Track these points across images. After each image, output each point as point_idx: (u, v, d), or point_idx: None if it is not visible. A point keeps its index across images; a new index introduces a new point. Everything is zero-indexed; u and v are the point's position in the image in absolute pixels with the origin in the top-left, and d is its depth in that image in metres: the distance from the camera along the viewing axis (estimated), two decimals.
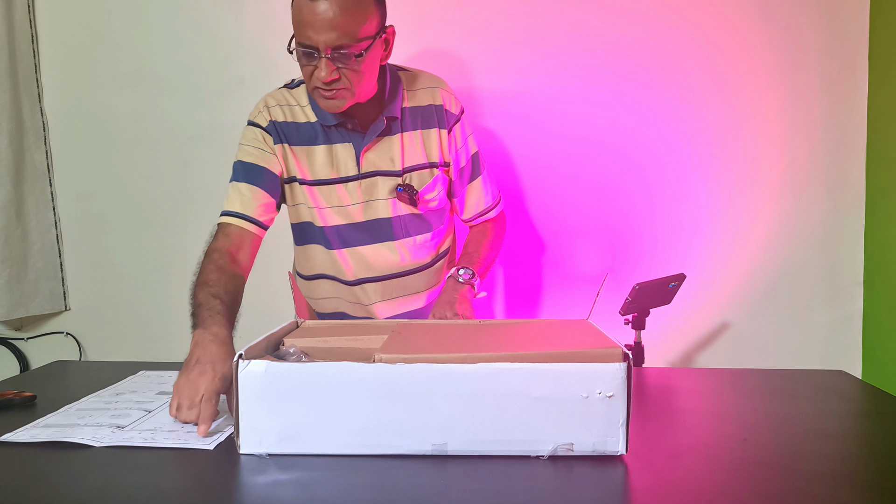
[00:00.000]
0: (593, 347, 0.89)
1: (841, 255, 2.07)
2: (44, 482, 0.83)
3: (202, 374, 0.99)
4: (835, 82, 2.02)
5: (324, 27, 1.19)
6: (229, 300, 1.16)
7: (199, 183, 2.17)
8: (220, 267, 1.23)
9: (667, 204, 2.08)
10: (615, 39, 2.04)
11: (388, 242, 1.45)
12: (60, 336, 2.26)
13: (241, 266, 1.29)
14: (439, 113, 1.44)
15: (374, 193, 1.42)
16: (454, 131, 1.45)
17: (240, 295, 1.23)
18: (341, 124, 1.38)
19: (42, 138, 2.20)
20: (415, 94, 1.43)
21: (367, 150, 1.39)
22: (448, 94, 1.46)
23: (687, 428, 1.03)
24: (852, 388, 1.22)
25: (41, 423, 1.02)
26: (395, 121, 1.40)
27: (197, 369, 1.00)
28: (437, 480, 0.83)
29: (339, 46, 1.21)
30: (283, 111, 1.40)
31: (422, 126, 1.43)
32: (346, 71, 1.25)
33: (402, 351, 0.89)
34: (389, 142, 1.40)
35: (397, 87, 1.41)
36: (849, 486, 0.80)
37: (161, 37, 2.16)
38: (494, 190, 1.57)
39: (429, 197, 1.44)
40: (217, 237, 1.31)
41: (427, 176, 1.43)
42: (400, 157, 1.41)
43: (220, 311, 1.11)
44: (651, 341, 1.77)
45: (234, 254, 1.29)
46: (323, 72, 1.23)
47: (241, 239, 1.32)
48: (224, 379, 1.00)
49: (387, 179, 1.41)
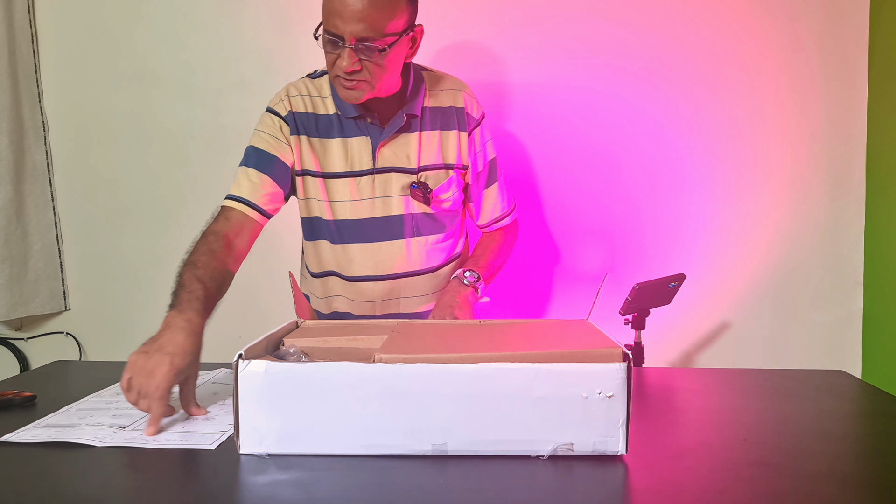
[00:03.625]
0: (593, 347, 0.89)
1: (841, 255, 2.07)
2: (44, 482, 0.83)
3: (160, 364, 0.98)
4: (835, 82, 2.03)
5: (351, 18, 1.20)
6: (213, 285, 1.15)
7: (200, 183, 2.17)
8: (212, 250, 1.22)
9: (667, 204, 2.08)
10: (616, 40, 2.04)
11: (398, 240, 1.44)
12: (60, 336, 2.26)
13: (235, 252, 1.28)
14: (460, 115, 1.44)
15: (387, 189, 1.41)
16: (474, 135, 1.45)
17: (226, 281, 1.22)
18: (361, 117, 1.38)
19: (42, 138, 2.20)
20: (437, 95, 1.43)
21: (384, 145, 1.39)
22: (470, 98, 1.46)
23: (687, 428, 1.03)
24: (852, 388, 1.22)
25: (42, 422, 1.02)
26: (415, 119, 1.40)
27: (156, 357, 0.98)
28: (437, 480, 0.83)
29: (364, 38, 1.22)
30: (304, 101, 1.40)
31: (441, 127, 1.43)
32: (369, 64, 1.25)
33: (402, 351, 0.89)
34: (407, 139, 1.40)
35: (420, 85, 1.41)
36: (849, 486, 0.80)
37: (161, 36, 2.16)
38: (510, 197, 1.57)
39: (442, 197, 1.44)
40: (217, 219, 1.31)
41: (442, 176, 1.43)
42: (416, 155, 1.41)
43: (199, 297, 1.10)
44: (651, 341, 1.77)
45: (232, 238, 1.28)
46: (345, 61, 1.23)
47: (241, 224, 1.31)
48: (179, 372, 0.99)
49: (401, 176, 1.41)
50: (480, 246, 1.55)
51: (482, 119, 1.47)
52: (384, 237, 1.43)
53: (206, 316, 1.10)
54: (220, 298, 1.19)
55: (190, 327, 1.04)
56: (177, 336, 1.02)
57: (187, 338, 1.02)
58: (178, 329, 1.03)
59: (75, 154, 2.22)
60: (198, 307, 1.08)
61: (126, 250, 2.23)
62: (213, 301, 1.14)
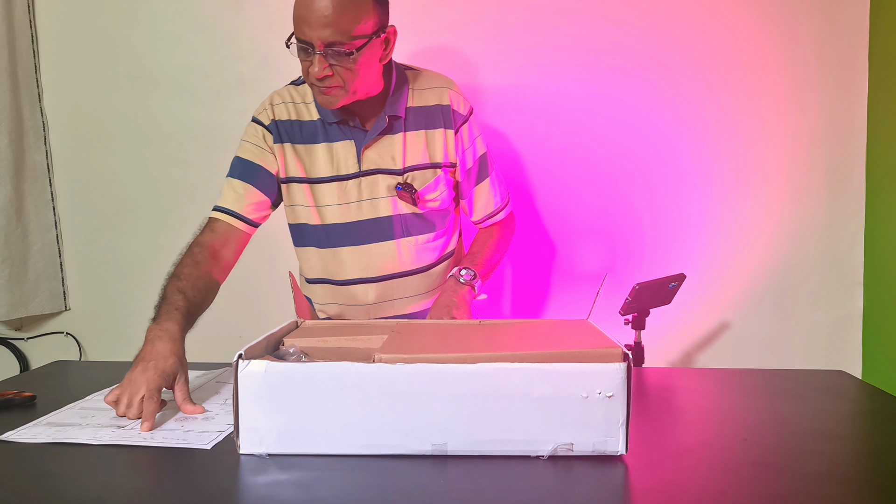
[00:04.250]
0: (593, 347, 0.89)
1: (841, 255, 2.07)
2: (44, 481, 0.83)
3: (144, 371, 1.04)
4: (835, 82, 2.03)
5: (317, 23, 1.21)
6: (195, 296, 1.21)
7: (199, 183, 2.16)
8: (196, 262, 1.27)
9: (667, 204, 2.08)
10: (616, 39, 2.04)
11: (388, 241, 1.44)
12: (60, 336, 2.26)
13: (221, 262, 1.33)
14: (445, 113, 1.43)
15: (374, 192, 1.42)
16: (461, 132, 1.45)
17: (211, 291, 1.28)
18: (343, 121, 1.38)
19: (42, 138, 2.20)
20: (421, 94, 1.43)
21: (368, 147, 1.39)
22: (456, 95, 1.45)
23: (687, 428, 1.03)
24: (852, 388, 1.22)
25: (42, 421, 1.02)
26: (398, 119, 1.40)
27: (139, 367, 1.05)
28: (437, 480, 0.83)
29: (332, 43, 1.23)
30: (287, 109, 1.41)
31: (426, 126, 1.42)
32: (340, 69, 1.26)
33: (402, 351, 0.89)
34: (391, 140, 1.40)
35: (402, 86, 1.41)
36: (849, 486, 0.80)
37: (160, 37, 2.16)
38: (503, 191, 1.57)
39: (429, 197, 1.44)
40: (204, 231, 1.36)
41: (429, 175, 1.43)
42: (402, 155, 1.41)
43: (179, 308, 1.16)
44: (651, 341, 1.77)
45: (218, 249, 1.33)
46: (316, 67, 1.24)
47: (226, 235, 1.36)
48: (164, 375, 1.04)
49: (387, 178, 1.41)
50: (476, 242, 1.55)
51: (470, 116, 1.46)
52: (374, 239, 1.44)
53: (187, 324, 1.17)
54: (204, 307, 1.25)
55: (168, 335, 1.10)
56: (156, 345, 1.08)
57: (166, 343, 1.09)
58: (157, 339, 1.09)
59: (75, 154, 2.22)
60: (177, 318, 1.14)
61: (126, 250, 2.23)
62: (195, 311, 1.20)
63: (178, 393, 1.07)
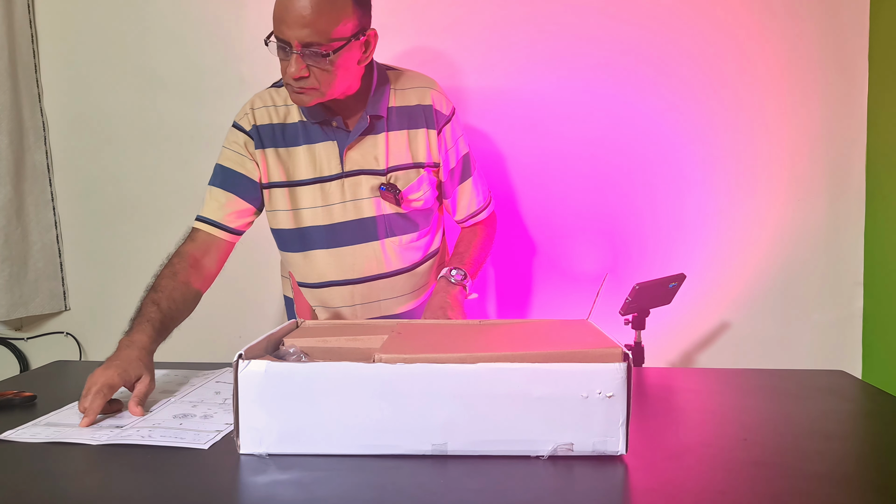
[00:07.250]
0: (593, 347, 0.89)
1: (841, 255, 2.07)
2: (43, 481, 0.83)
3: (105, 369, 1.07)
4: (835, 82, 2.02)
5: (296, 23, 1.21)
6: (169, 307, 1.24)
7: (200, 183, 2.13)
8: (174, 272, 1.30)
9: (667, 204, 2.08)
10: (614, 39, 2.04)
11: (373, 242, 1.44)
12: (60, 336, 2.26)
13: (203, 271, 1.35)
14: (428, 113, 1.43)
15: (358, 192, 1.41)
16: (444, 132, 1.44)
17: (189, 300, 1.30)
18: (325, 122, 1.38)
19: (42, 138, 2.20)
20: (403, 94, 1.43)
21: (350, 148, 1.39)
22: (439, 95, 1.45)
23: (687, 428, 1.03)
24: (852, 388, 1.22)
25: (42, 421, 1.02)
26: (380, 120, 1.39)
27: (103, 366, 1.08)
28: (437, 480, 0.83)
29: (310, 44, 1.23)
30: (268, 113, 1.40)
31: (408, 126, 1.42)
32: (317, 70, 1.25)
33: (402, 351, 0.89)
34: (374, 140, 1.40)
35: (384, 86, 1.41)
36: (849, 486, 0.80)
37: (161, 36, 2.16)
38: (485, 191, 1.57)
39: (413, 197, 1.43)
40: (185, 241, 1.38)
41: (413, 175, 1.42)
42: (385, 156, 1.40)
43: (151, 320, 1.19)
44: (651, 341, 1.77)
45: (199, 259, 1.35)
46: (292, 67, 1.25)
47: (207, 245, 1.37)
48: (125, 375, 1.07)
49: (371, 178, 1.41)
50: (462, 242, 1.54)
51: (452, 115, 1.46)
52: (358, 240, 1.43)
53: (159, 336, 1.20)
54: (181, 317, 1.28)
55: (136, 346, 1.14)
56: (123, 352, 1.13)
57: (132, 351, 1.13)
58: (125, 347, 1.14)
59: (75, 154, 2.22)
60: (147, 330, 1.18)
61: (126, 250, 2.23)
62: (169, 322, 1.24)
63: (135, 393, 1.08)
